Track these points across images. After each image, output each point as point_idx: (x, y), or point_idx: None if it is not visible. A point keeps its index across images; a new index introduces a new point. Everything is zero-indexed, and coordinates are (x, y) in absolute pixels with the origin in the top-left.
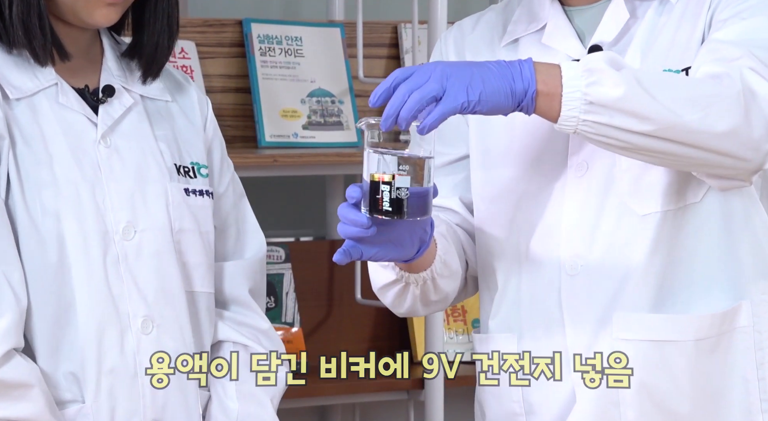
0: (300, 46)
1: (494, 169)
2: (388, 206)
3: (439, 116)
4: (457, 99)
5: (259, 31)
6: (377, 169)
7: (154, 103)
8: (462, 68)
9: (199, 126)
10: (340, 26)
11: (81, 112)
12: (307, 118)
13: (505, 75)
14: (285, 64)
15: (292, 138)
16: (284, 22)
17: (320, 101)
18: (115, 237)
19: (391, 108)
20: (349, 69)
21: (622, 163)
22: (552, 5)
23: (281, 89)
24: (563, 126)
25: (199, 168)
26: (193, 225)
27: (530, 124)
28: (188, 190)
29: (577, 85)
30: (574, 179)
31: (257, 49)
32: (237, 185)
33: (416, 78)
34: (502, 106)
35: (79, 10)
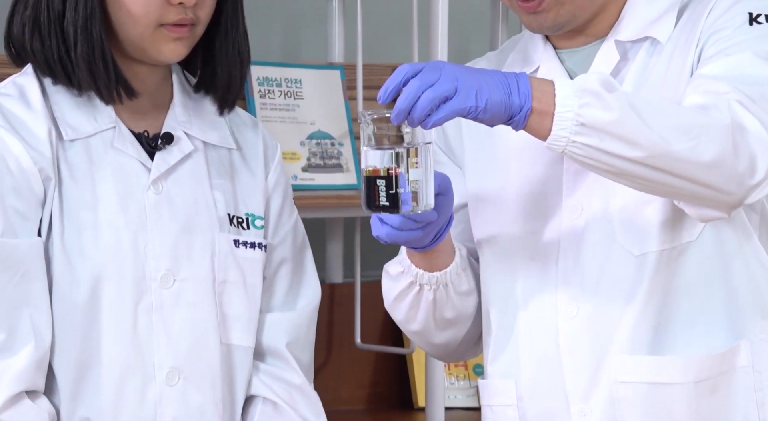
0: (299, 88)
1: (488, 211)
2: (385, 201)
3: (447, 114)
4: (466, 101)
5: (259, 74)
6: (374, 162)
7: (217, 150)
8: (469, 72)
9: (260, 176)
10: (339, 68)
11: (135, 157)
12: (306, 160)
13: (504, 86)
14: (284, 106)
15: (292, 180)
16: (284, 64)
17: (320, 143)
18: (152, 284)
19: (403, 103)
20: (349, 111)
21: (615, 203)
22: (545, 48)
23: (281, 131)
24: (552, 145)
25: (253, 219)
26: (238, 277)
27: (526, 167)
28: (238, 241)
29: (570, 105)
30: (569, 221)
31: (257, 91)
32: (298, 235)
33: (427, 75)
34: (499, 117)
35: (147, 47)
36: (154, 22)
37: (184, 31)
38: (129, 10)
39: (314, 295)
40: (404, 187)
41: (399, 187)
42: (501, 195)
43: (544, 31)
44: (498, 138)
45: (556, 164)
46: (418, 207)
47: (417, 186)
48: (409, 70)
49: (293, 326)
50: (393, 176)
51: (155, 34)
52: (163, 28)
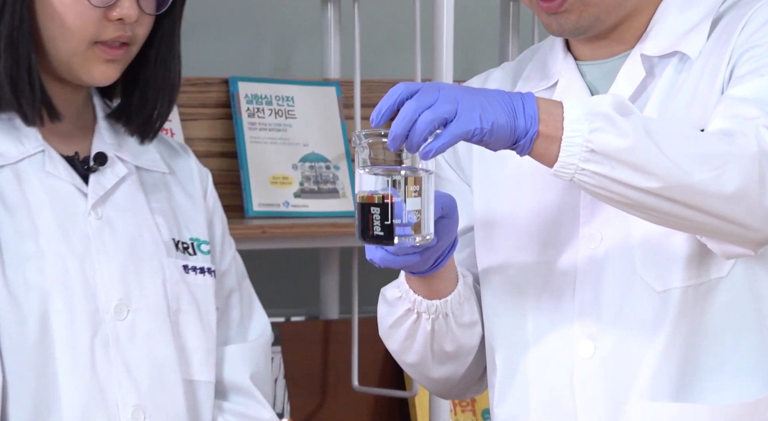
0: (292, 106)
1: (497, 236)
2: (380, 231)
3: (449, 140)
4: (469, 124)
5: (247, 91)
6: (369, 188)
7: (150, 174)
8: (470, 93)
9: (199, 199)
10: (335, 85)
11: (70, 182)
12: (299, 185)
13: (508, 108)
14: (275, 126)
15: (283, 207)
16: (274, 80)
17: (314, 167)
18: (105, 316)
19: (399, 127)
20: (346, 131)
21: (636, 233)
22: (565, 60)
23: (271, 154)
24: (560, 172)
25: (199, 244)
26: (192, 306)
27: (539, 190)
28: (187, 267)
29: (579, 130)
30: (586, 252)
31: (245, 110)
32: (239, 264)
33: (424, 96)
34: (504, 141)
35: (76, 67)
36: (89, 38)
37: (119, 54)
38: (63, 23)
39: (265, 326)
40: (400, 217)
41: (395, 218)
42: (511, 220)
43: (565, 34)
44: (510, 158)
45: (573, 189)
46: (415, 239)
47: (415, 216)
48: (404, 91)
49: (253, 358)
50: (389, 205)
51: (88, 52)
52: (97, 48)
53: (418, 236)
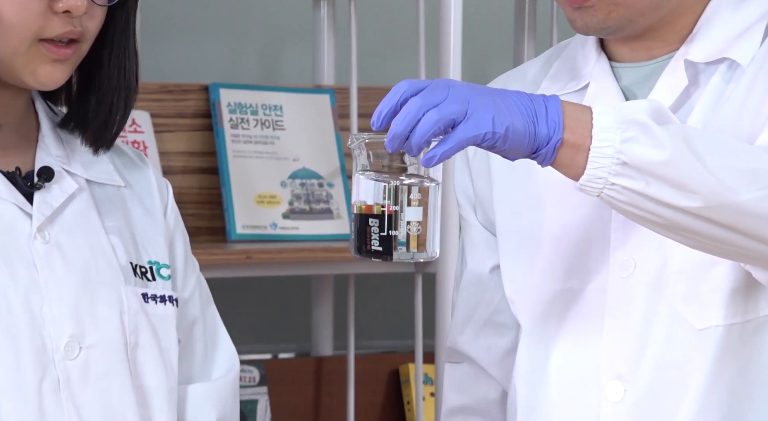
0: (280, 116)
1: (518, 262)
2: (378, 245)
3: (456, 144)
4: (480, 127)
5: (230, 99)
6: (366, 197)
7: (103, 188)
8: (483, 93)
9: (159, 216)
10: (329, 92)
11: (11, 201)
12: (288, 204)
13: (528, 111)
14: (261, 138)
15: (270, 230)
16: (261, 87)
17: (305, 184)
18: (54, 356)
19: (400, 126)
20: (341, 145)
21: (675, 261)
22: (598, 61)
23: (257, 169)
24: (586, 187)
25: (159, 268)
26: (152, 340)
27: (565, 208)
28: (146, 295)
29: (610, 139)
30: (617, 280)
31: (227, 120)
32: (203, 289)
33: (431, 94)
34: (521, 149)
35: (18, 68)
36: (32, 35)
37: (67, 53)
38: (0, 18)
39: (232, 360)
40: (402, 229)
41: (394, 229)
42: (533, 240)
43: (591, 32)
44: (532, 170)
45: (603, 207)
46: (417, 254)
47: (418, 229)
48: (408, 89)
49: (219, 398)
50: (388, 215)
51: (31, 51)
52: (42, 46)
53: (422, 253)
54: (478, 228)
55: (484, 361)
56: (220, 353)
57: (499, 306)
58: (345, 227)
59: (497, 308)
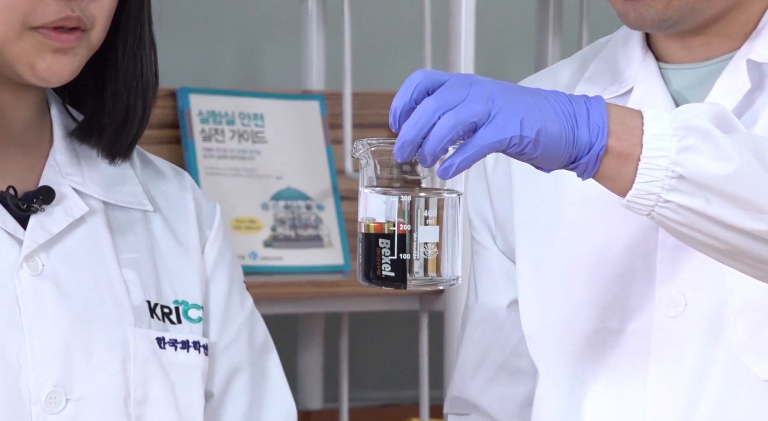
0: (261, 127)
1: (546, 295)
2: (390, 270)
3: (477, 151)
4: (505, 130)
5: (202, 106)
6: (375, 213)
7: (125, 213)
8: (511, 90)
9: (194, 249)
10: (319, 98)
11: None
12: (270, 230)
13: (566, 114)
14: (239, 153)
15: (249, 260)
16: (238, 92)
17: (290, 207)
18: (33, 409)
19: (411, 131)
20: (332, 160)
21: (736, 297)
22: (644, 61)
23: (233, 190)
24: (634, 204)
25: (187, 309)
26: (166, 393)
27: (602, 232)
28: (164, 340)
29: (664, 148)
30: (664, 320)
31: (198, 131)
32: (257, 333)
33: (449, 92)
34: (556, 157)
35: (13, 59)
36: (19, 19)
37: (69, 40)
38: None
39: (287, 414)
40: (417, 251)
41: (408, 251)
42: (562, 272)
43: (646, 27)
44: (563, 186)
45: (650, 229)
46: (436, 279)
47: (435, 251)
48: (423, 80)
49: None
50: (400, 235)
51: (25, 39)
52: (38, 33)
53: (441, 278)
54: (494, 254)
55: (498, 413)
56: (269, 407)
57: (518, 349)
58: (337, 256)
59: (515, 350)
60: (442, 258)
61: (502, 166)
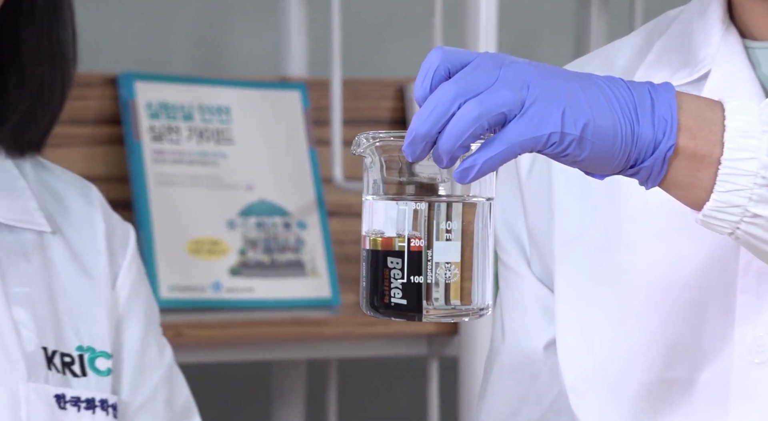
0: (226, 123)
1: (593, 334)
2: (401, 297)
3: (505, 149)
4: (542, 125)
5: (151, 96)
6: (382, 225)
7: (15, 235)
8: (554, 75)
9: (103, 281)
10: (300, 87)
11: None
12: (239, 255)
13: (623, 104)
14: (198, 156)
15: (211, 292)
16: (198, 79)
17: (264, 224)
18: None
19: (425, 124)
20: (317, 165)
21: None
22: (725, 38)
23: (191, 203)
24: (711, 220)
25: (93, 358)
26: None
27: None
28: (64, 398)
29: (752, 148)
30: (746, 367)
31: (146, 129)
32: (176, 394)
33: (473, 75)
34: (610, 159)
35: None
36: None
37: None
38: None
39: None
40: (433, 272)
41: (422, 273)
42: (615, 307)
43: None
44: (619, 196)
45: (728, 255)
46: (460, 308)
47: (456, 272)
48: (441, 62)
49: None
50: (414, 252)
51: None
52: None
53: (467, 307)
54: (528, 282)
55: None
56: None
57: (557, 403)
58: (323, 288)
59: (553, 406)
60: (470, 282)
61: (540, 169)
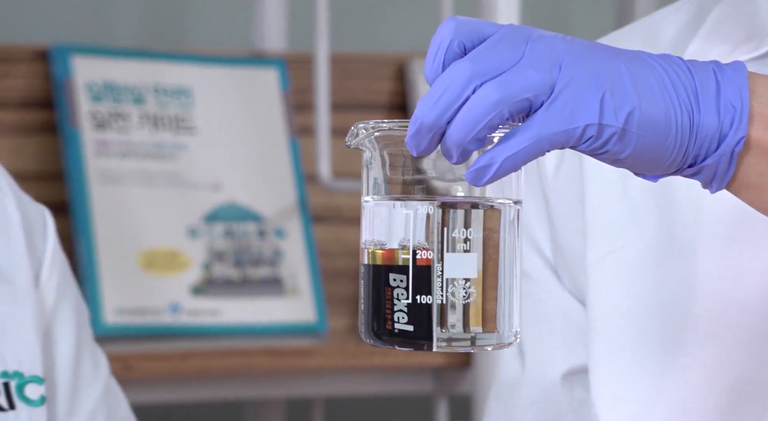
0: (188, 107)
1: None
2: (406, 322)
3: (531, 145)
4: (576, 115)
5: (91, 74)
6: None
7: None
8: (592, 53)
9: (23, 279)
10: (277, 64)
11: None
12: (203, 269)
13: (680, 89)
14: (153, 148)
15: (168, 315)
16: (150, 53)
17: (233, 232)
18: None
19: (432, 111)
20: (298, 159)
21: None
22: None
23: (144, 206)
24: None
25: (22, 385)
26: None
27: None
28: None
29: None
30: None
31: (86, 113)
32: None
33: (493, 52)
34: (660, 157)
35: None
36: None
37: None
38: None
39: None
40: (444, 291)
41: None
42: (670, 335)
43: None
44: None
45: None
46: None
47: (474, 291)
48: (455, 35)
49: None
50: (421, 267)
51: None
52: None
53: (489, 335)
54: (556, 296)
55: None
56: None
57: None
58: (306, 310)
59: None
60: (494, 304)
61: (570, 167)
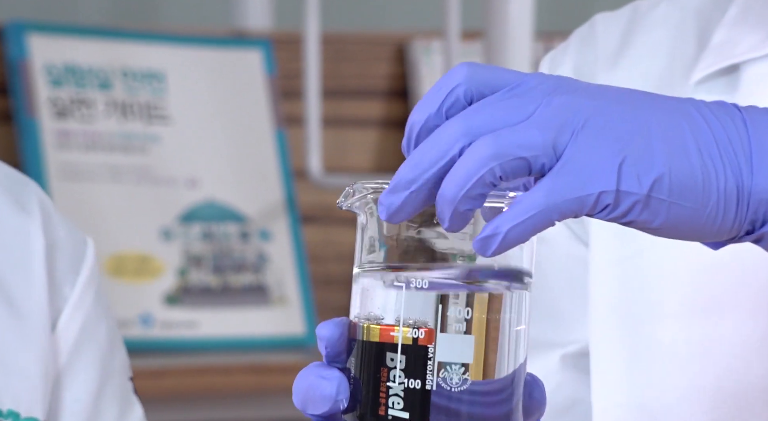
0: (160, 93)
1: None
2: (402, 408)
3: (537, 216)
4: (589, 180)
5: (51, 55)
6: (378, 307)
7: None
8: (625, 107)
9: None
10: (262, 45)
11: None
12: (178, 276)
13: (728, 147)
14: (122, 139)
15: (139, 328)
16: (117, 32)
17: (212, 234)
18: None
19: (414, 169)
20: (286, 152)
21: None
22: None
23: (111, 206)
24: None
25: None
26: None
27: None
28: None
29: None
30: None
31: (44, 100)
32: None
33: (502, 105)
34: (703, 222)
35: None
36: None
37: None
38: None
39: None
40: (434, 375)
41: (433, 376)
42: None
43: None
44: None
45: None
46: None
47: (466, 377)
48: (464, 81)
49: None
50: (420, 347)
51: None
52: None
53: None
54: None
55: None
56: None
57: None
58: (294, 321)
59: None
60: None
61: None
